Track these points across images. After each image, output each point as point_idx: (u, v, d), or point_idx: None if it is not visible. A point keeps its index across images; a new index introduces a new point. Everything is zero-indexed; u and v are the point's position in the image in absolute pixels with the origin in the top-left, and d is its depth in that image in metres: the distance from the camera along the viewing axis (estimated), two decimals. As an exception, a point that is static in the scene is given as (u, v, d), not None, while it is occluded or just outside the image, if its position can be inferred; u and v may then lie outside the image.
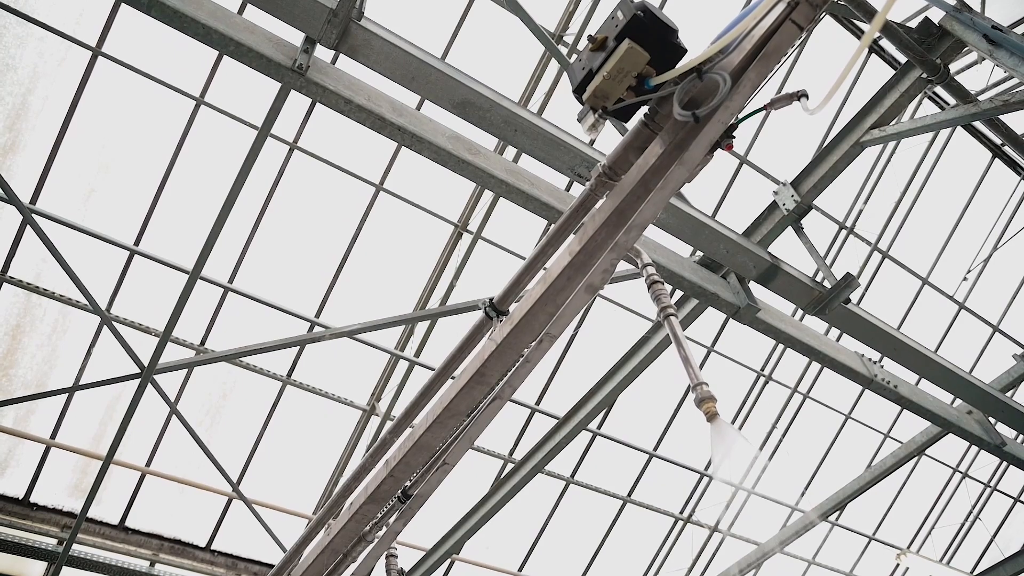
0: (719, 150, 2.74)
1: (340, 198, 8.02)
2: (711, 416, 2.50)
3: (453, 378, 3.26)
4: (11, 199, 5.92)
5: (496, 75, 5.98)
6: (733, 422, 10.69)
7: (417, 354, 8.56)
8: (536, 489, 9.83)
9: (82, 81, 6.91)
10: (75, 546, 7.95)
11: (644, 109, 2.83)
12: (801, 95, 2.57)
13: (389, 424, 3.63)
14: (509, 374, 2.88)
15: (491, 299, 3.15)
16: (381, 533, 3.66)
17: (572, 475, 9.97)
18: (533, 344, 2.81)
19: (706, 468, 10.74)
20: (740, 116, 2.63)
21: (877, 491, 11.44)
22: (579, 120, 2.67)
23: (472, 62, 7.18)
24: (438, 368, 3.27)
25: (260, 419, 8.62)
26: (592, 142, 4.62)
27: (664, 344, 6.68)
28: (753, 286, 6.07)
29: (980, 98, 6.22)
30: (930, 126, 5.19)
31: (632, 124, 2.95)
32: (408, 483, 3.49)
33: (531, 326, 2.95)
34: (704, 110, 2.34)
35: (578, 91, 2.65)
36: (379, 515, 3.64)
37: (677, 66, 2.50)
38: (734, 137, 2.74)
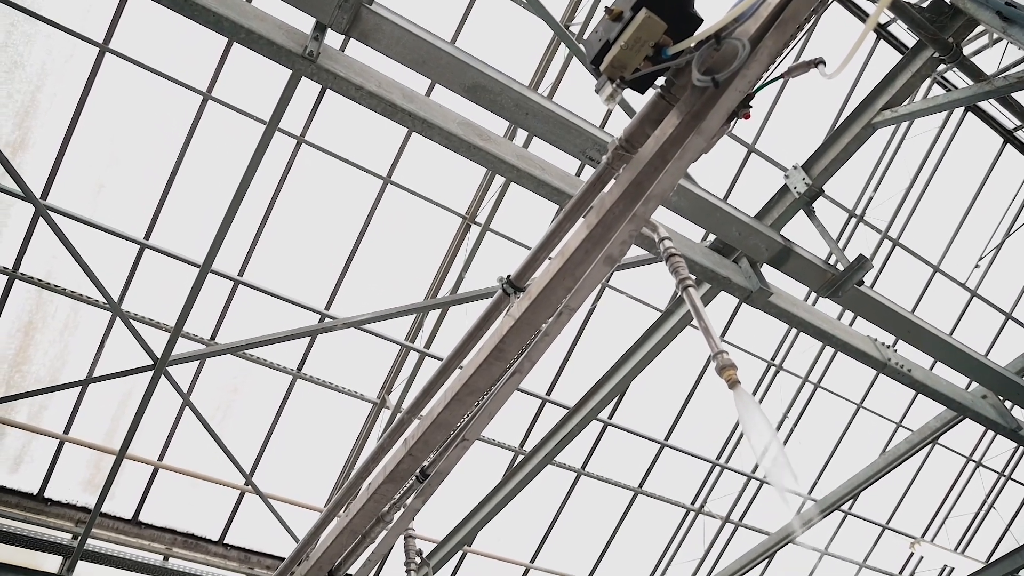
0: (736, 119, 2.73)
1: (348, 191, 8.03)
2: (732, 383, 2.49)
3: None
4: (26, 194, 5.96)
5: (505, 61, 5.97)
6: (744, 413, 10.64)
7: (427, 345, 8.57)
8: (547, 481, 9.82)
9: (90, 77, 6.93)
10: (90, 540, 7.98)
11: (660, 81, 2.82)
12: (818, 62, 2.56)
13: (407, 404, 3.63)
14: (528, 348, 2.87)
15: (508, 276, 3.15)
16: (399, 515, 3.66)
17: (583, 466, 9.96)
18: (552, 317, 2.80)
19: (717, 456, 10.72)
20: (758, 85, 2.62)
21: (890, 481, 11.40)
22: (597, 91, 2.66)
23: (481, 48, 7.18)
24: (456, 345, 3.27)
25: (271, 414, 8.64)
26: (604, 123, 4.61)
27: (675, 331, 6.66)
28: (765, 271, 6.06)
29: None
30: (943, 105, 5.16)
31: (646, 100, 2.95)
32: (426, 462, 3.49)
33: (549, 300, 2.95)
34: (724, 74, 2.33)
35: (595, 62, 2.64)
36: (397, 496, 3.64)
37: (695, 34, 2.49)
38: (751, 106, 2.73)
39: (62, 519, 8.15)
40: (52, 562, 7.86)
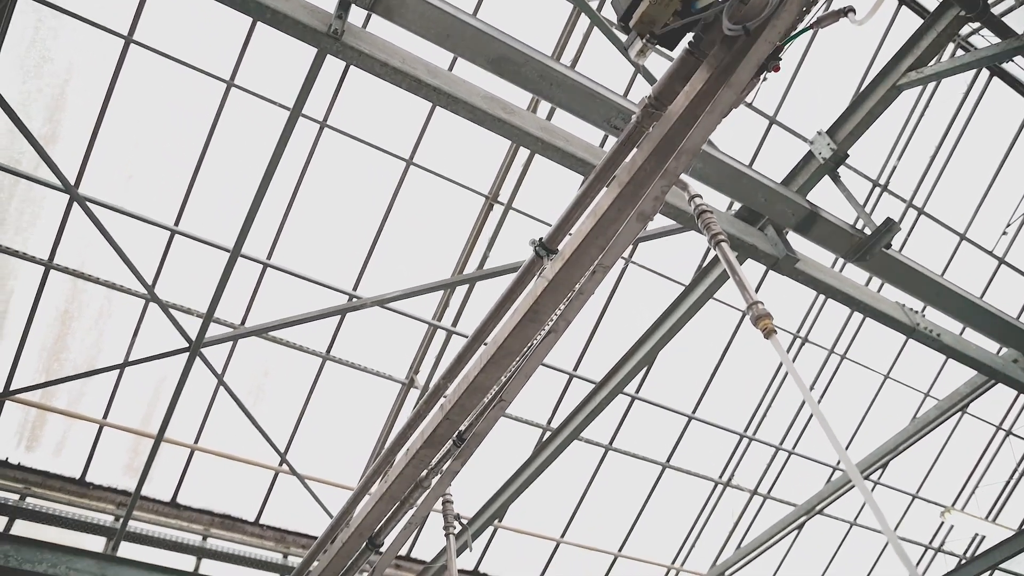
0: (766, 73, 2.75)
1: (372, 173, 8.10)
2: (768, 333, 2.53)
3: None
4: (63, 183, 6.10)
5: (524, 34, 5.97)
6: (769, 387, 10.67)
7: (454, 324, 8.65)
8: (576, 457, 9.91)
9: (116, 70, 7.04)
10: (131, 522, 8.21)
11: (688, 38, 2.85)
12: (848, 10, 2.57)
13: (442, 369, 3.70)
14: (563, 307, 2.93)
15: (540, 238, 3.20)
16: (437, 479, 3.74)
17: (610, 442, 10.03)
18: (586, 275, 2.85)
19: (744, 429, 10.73)
20: (788, 36, 2.64)
21: (920, 450, 11.33)
22: (626, 47, 2.69)
23: (500, 22, 7.18)
24: (490, 309, 3.33)
25: (302, 396, 8.78)
26: (625, 94, 4.63)
27: (700, 303, 6.68)
28: (791, 238, 6.05)
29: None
30: (970, 64, 5.11)
31: (675, 57, 2.97)
32: (463, 427, 3.56)
33: (582, 260, 2.99)
34: (755, 22, 2.35)
35: (624, 19, 2.67)
36: (435, 461, 3.72)
37: (724, -15, 2.52)
38: (780, 59, 2.75)
39: (104, 502, 8.37)
40: (96, 542, 8.09)
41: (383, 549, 4.26)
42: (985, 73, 9.51)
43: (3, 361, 7.80)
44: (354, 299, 8.13)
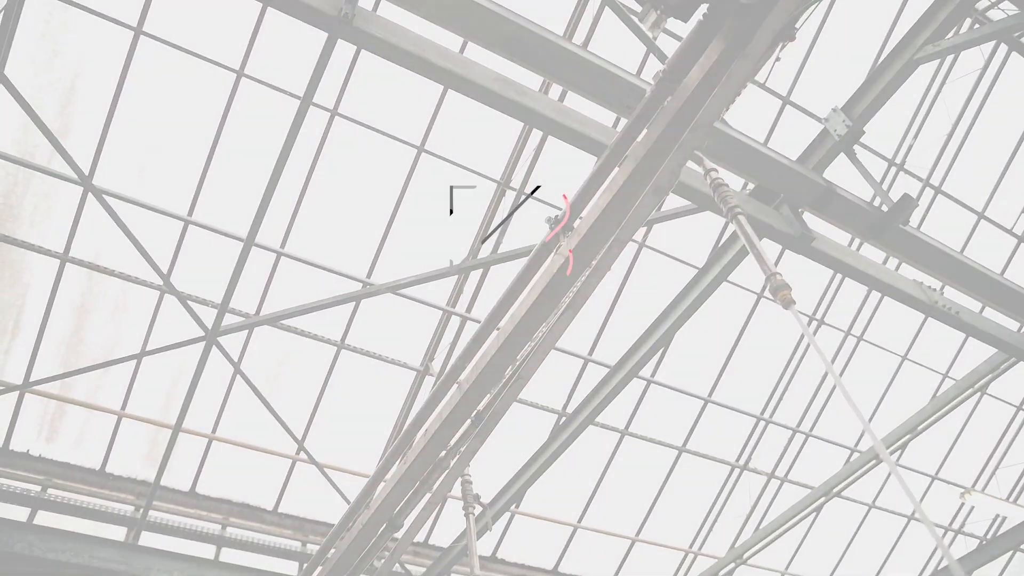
0: (783, 44, 2.71)
1: (383, 161, 8.09)
2: (787, 303, 2.51)
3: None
4: (78, 175, 6.13)
5: (535, 15, 5.92)
6: (785, 369, 10.61)
7: (468, 310, 8.65)
8: (592, 443, 9.91)
9: (126, 61, 7.05)
10: (151, 512, 8.29)
11: (703, 8, 2.81)
12: (867, -24, 2.53)
13: (459, 351, 3.69)
14: (580, 283, 2.91)
15: (556, 216, 3.18)
16: (455, 460, 3.75)
17: (626, 427, 10.01)
18: (603, 250, 2.83)
19: (761, 411, 10.68)
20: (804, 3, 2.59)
21: (939, 431, 11.26)
22: (641, 20, 2.66)
23: (511, 2, 7.14)
24: (506, 288, 3.31)
25: (317, 385, 8.82)
26: (639, 71, 4.58)
27: (714, 284, 6.64)
28: (807, 218, 5.99)
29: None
30: (988, 35, 5.02)
31: (689, 30, 2.93)
32: (480, 406, 3.56)
33: (598, 236, 2.97)
34: (772, -13, 2.31)
35: (638, -10, 2.64)
36: (453, 441, 3.72)
37: (739, -48, 2.48)
38: (797, 29, 2.71)
39: (124, 492, 8.46)
40: (117, 532, 8.18)
41: (400, 533, 4.28)
42: (1003, 49, 9.36)
43: (22, 354, 7.88)
44: (368, 286, 8.14)
